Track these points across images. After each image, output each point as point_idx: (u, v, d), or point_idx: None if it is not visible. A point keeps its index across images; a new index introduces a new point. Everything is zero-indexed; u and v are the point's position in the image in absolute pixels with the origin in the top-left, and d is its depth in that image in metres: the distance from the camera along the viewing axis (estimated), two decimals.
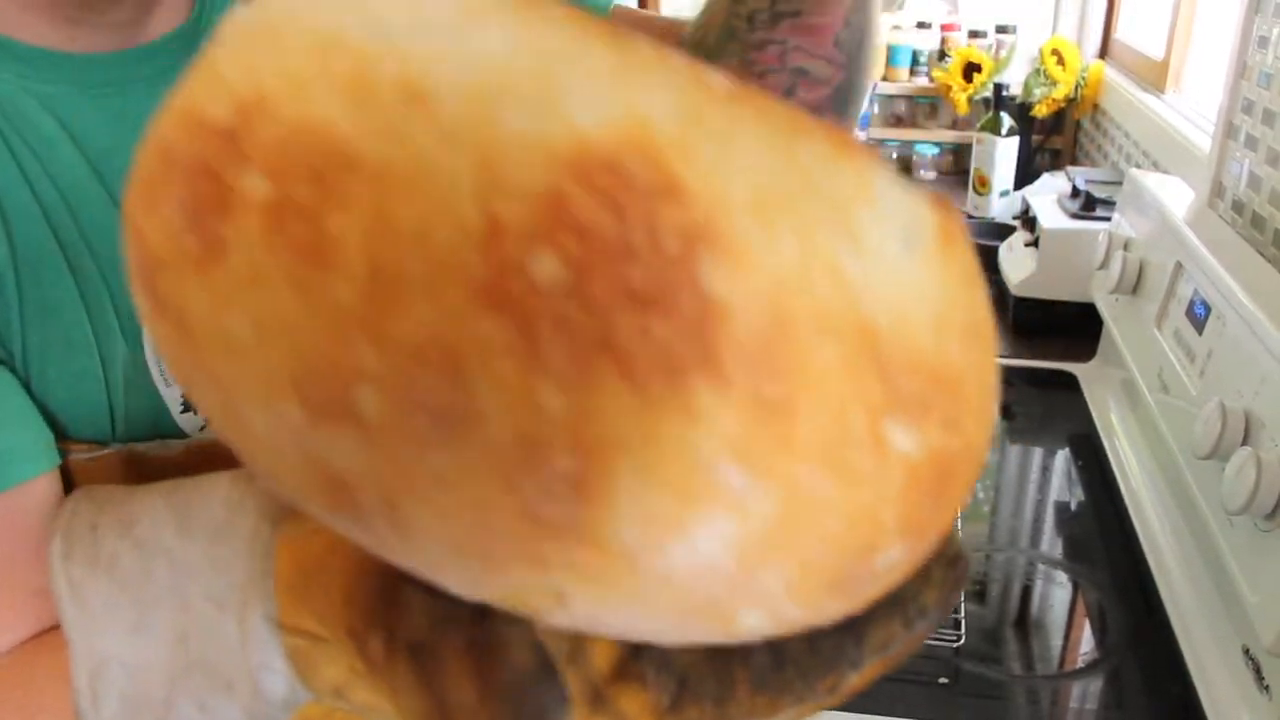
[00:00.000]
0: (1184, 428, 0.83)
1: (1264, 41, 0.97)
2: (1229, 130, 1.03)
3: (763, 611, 0.21)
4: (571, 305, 0.17)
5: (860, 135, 1.88)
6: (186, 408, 0.53)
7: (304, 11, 0.20)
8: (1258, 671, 0.70)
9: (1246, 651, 0.72)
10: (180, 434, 0.53)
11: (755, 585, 0.20)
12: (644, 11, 0.63)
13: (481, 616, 0.25)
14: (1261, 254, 0.88)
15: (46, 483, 0.47)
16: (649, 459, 0.17)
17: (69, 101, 0.47)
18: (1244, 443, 0.71)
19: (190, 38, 0.52)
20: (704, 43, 0.55)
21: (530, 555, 0.19)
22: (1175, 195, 1.04)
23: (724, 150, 0.18)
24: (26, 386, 0.48)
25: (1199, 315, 0.87)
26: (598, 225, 0.17)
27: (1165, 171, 1.23)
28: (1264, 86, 0.96)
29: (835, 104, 0.55)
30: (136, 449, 0.51)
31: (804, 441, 0.18)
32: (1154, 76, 1.52)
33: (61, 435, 0.49)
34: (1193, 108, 1.35)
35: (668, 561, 0.19)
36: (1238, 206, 0.99)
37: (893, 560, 0.21)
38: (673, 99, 0.18)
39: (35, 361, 0.47)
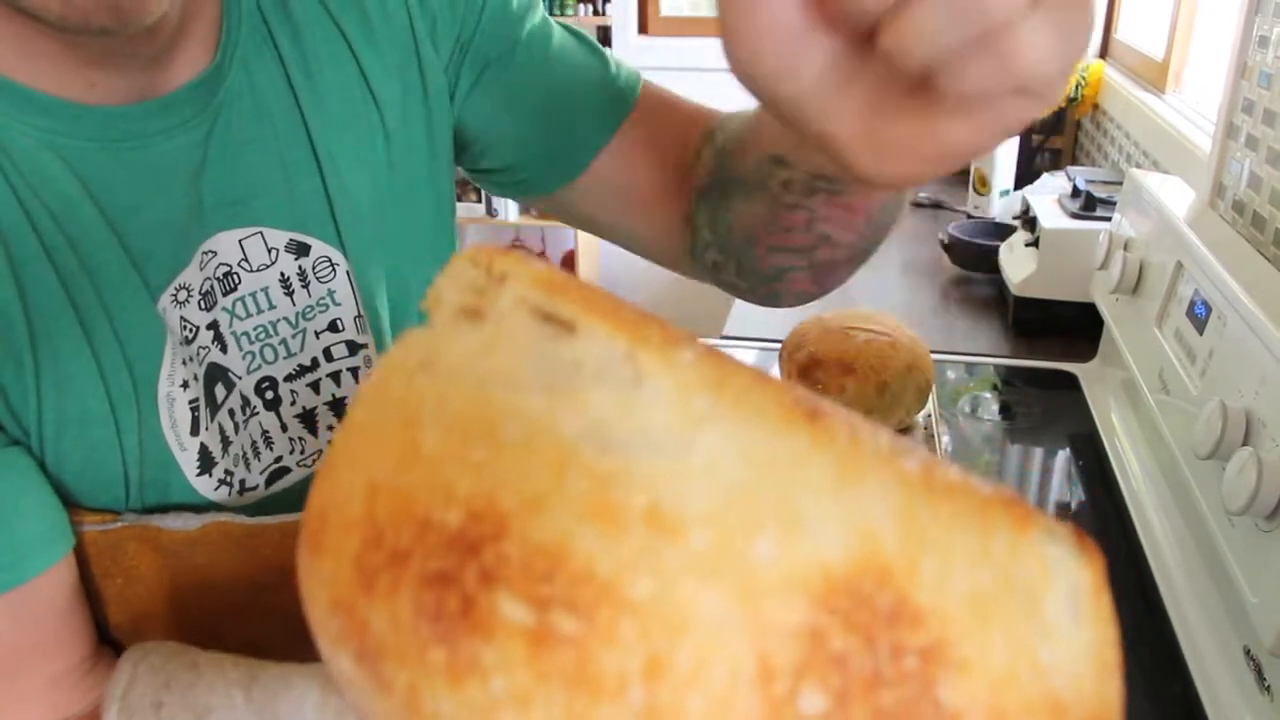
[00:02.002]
0: (1185, 428, 0.83)
1: (1264, 41, 0.97)
2: (1229, 130, 1.03)
3: None
4: None
5: None
6: (203, 470, 0.51)
7: (502, 397, 0.21)
8: (1259, 672, 0.70)
9: (1247, 652, 0.72)
10: (194, 496, 0.51)
11: None
12: (672, 94, 0.61)
13: None
14: (1262, 254, 0.88)
15: (61, 569, 0.47)
16: None
17: (90, 156, 0.46)
18: (1245, 443, 0.71)
19: (212, 85, 0.49)
20: (735, 174, 0.53)
21: None
22: (1176, 195, 1.04)
23: (941, 560, 0.21)
24: (40, 461, 0.46)
25: (1199, 315, 0.87)
26: (852, 655, 0.20)
27: (1165, 171, 1.23)
28: (1264, 86, 0.96)
29: (850, 262, 0.54)
30: (150, 524, 0.49)
31: None
32: (1154, 76, 1.52)
33: (74, 504, 0.48)
34: (1193, 107, 1.35)
35: None
36: (1238, 206, 0.99)
37: None
38: (888, 505, 0.21)
39: (51, 435, 0.46)
